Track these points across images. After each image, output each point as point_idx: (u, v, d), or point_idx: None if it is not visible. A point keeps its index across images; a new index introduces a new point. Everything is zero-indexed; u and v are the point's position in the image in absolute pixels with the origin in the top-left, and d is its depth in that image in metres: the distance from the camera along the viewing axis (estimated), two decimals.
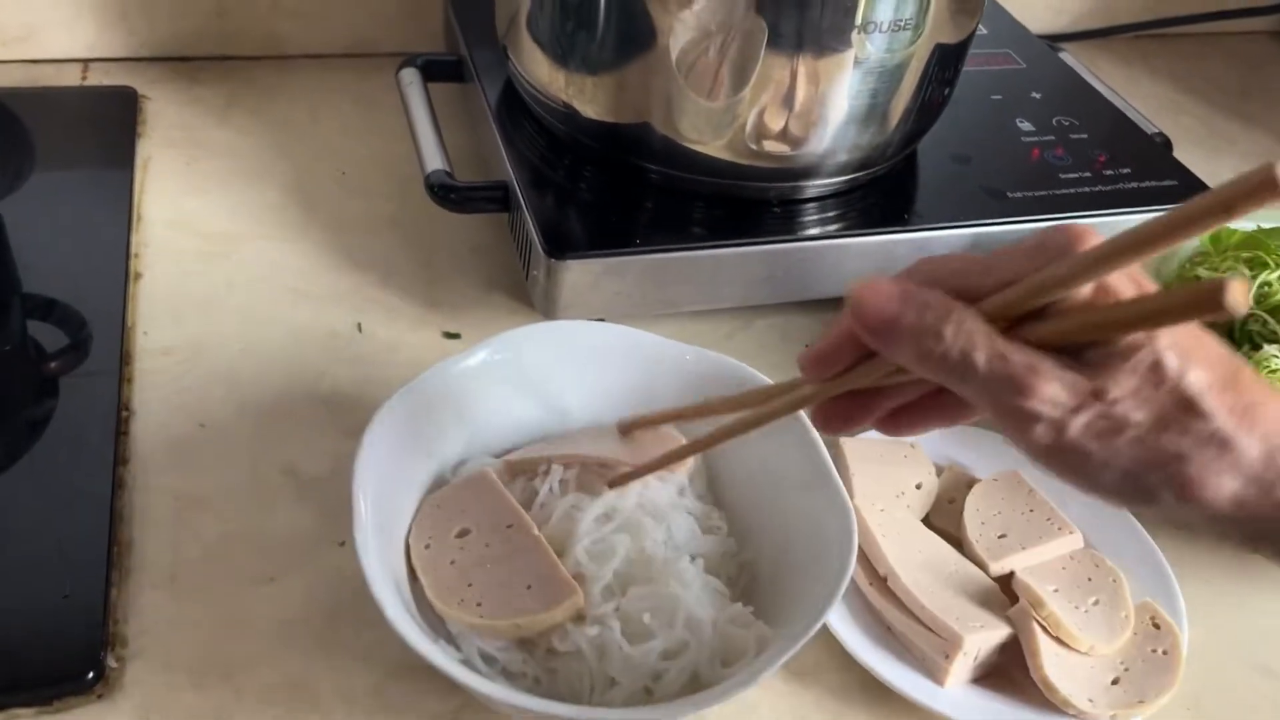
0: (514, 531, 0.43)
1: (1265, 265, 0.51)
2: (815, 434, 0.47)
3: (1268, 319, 0.49)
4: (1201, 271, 0.52)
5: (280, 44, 0.79)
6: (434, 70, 0.70)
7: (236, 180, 0.68)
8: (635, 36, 0.54)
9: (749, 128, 0.56)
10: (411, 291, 0.63)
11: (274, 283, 0.62)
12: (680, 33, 0.53)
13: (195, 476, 0.51)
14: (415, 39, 0.81)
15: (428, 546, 0.43)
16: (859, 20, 0.52)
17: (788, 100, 0.55)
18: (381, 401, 0.46)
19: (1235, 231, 0.54)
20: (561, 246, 0.55)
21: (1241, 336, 0.51)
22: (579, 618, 0.41)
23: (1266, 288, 0.50)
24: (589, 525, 0.43)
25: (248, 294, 0.61)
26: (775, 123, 0.56)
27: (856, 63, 0.54)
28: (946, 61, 0.58)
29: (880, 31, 0.53)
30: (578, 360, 0.50)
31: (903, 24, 0.53)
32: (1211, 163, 0.84)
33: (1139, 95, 0.91)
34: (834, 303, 0.64)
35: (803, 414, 0.48)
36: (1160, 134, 0.73)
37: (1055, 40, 0.95)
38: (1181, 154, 0.73)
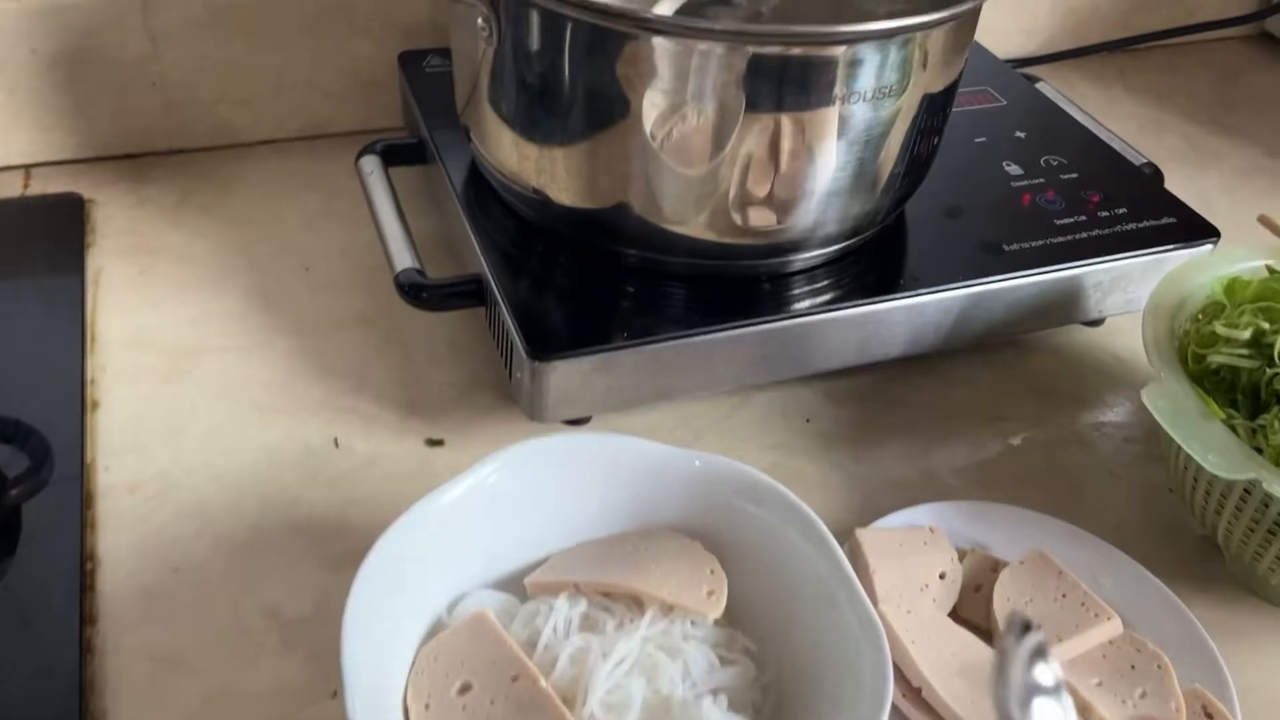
0: (519, 685, 0.40)
1: None
2: (831, 539, 0.44)
3: None
4: (1220, 328, 0.49)
5: (232, 133, 0.76)
6: (395, 155, 0.67)
7: (194, 287, 0.65)
8: (607, 116, 0.51)
9: (732, 208, 0.53)
10: (389, 396, 0.59)
11: (241, 399, 0.58)
12: (655, 112, 0.50)
13: (171, 630, 0.47)
14: (373, 115, 0.78)
15: (428, 707, 0.40)
16: (840, 92, 0.49)
17: (770, 177, 0.52)
18: (364, 526, 0.43)
19: (1249, 282, 0.51)
20: (546, 347, 0.52)
21: (1269, 396, 0.48)
22: None
23: None
24: (604, 674, 0.39)
25: (213, 415, 0.57)
26: (759, 201, 0.53)
27: (840, 135, 0.51)
28: (933, 116, 0.56)
29: (864, 101, 0.50)
30: (577, 477, 0.46)
31: (887, 90, 0.51)
32: (1199, 182, 0.82)
33: (1120, 117, 0.89)
34: (834, 374, 0.61)
35: (814, 517, 0.45)
36: (1149, 164, 0.70)
37: (1028, 63, 0.93)
38: (1171, 176, 0.71)
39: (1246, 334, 0.49)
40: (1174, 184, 0.72)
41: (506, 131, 0.55)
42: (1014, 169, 0.67)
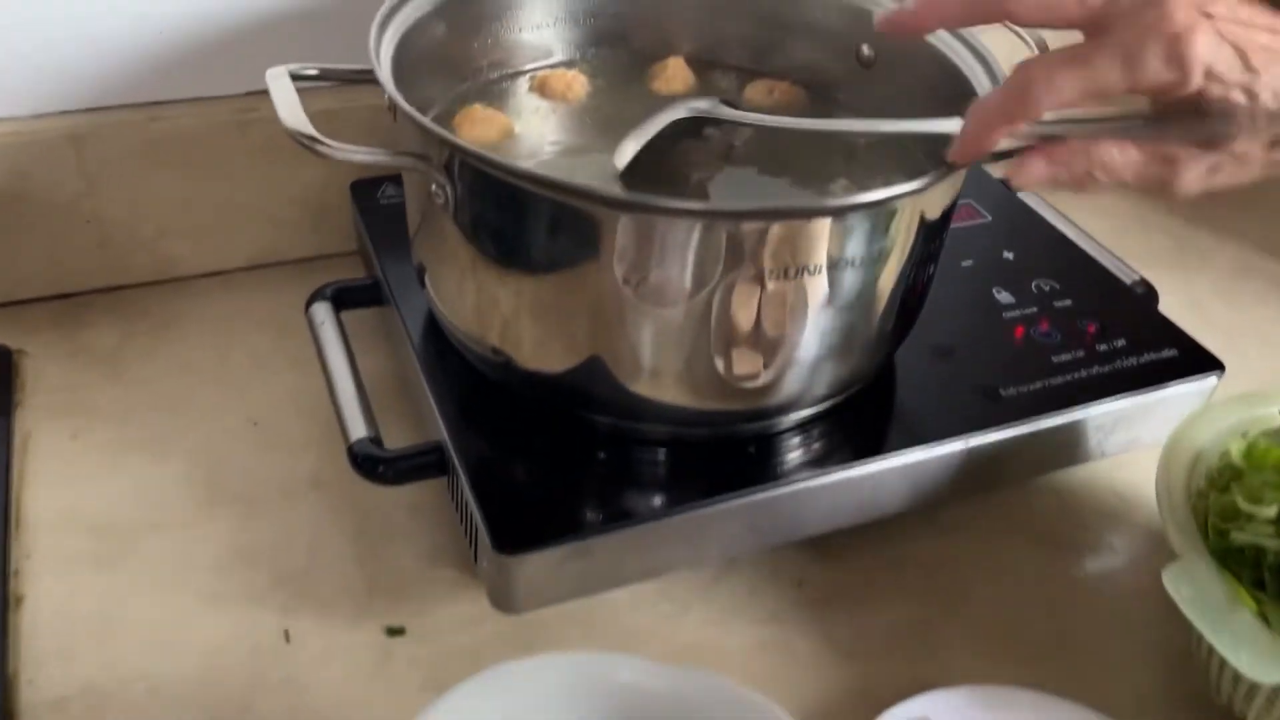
0: None
1: None
2: None
3: None
4: (1243, 504, 0.46)
5: (175, 267, 0.71)
6: (348, 299, 0.62)
7: (131, 453, 0.60)
8: (574, 286, 0.47)
9: (714, 377, 0.49)
10: (343, 575, 0.54)
11: (181, 587, 0.53)
12: (625, 282, 0.46)
13: None
14: (326, 240, 0.74)
15: None
16: (824, 261, 0.46)
17: (753, 347, 0.48)
18: None
19: (1270, 450, 0.48)
20: (514, 539, 0.47)
21: None
22: None
23: None
24: None
25: (151, 608, 0.52)
26: (743, 371, 0.49)
27: (827, 302, 0.47)
28: (924, 268, 0.52)
29: (851, 267, 0.47)
30: (555, 704, 0.42)
31: (876, 255, 0.47)
32: (1192, 287, 0.79)
33: (1104, 214, 0.86)
34: (827, 538, 0.57)
35: None
36: (1141, 281, 0.67)
37: (1003, 156, 0.90)
38: (1163, 283, 0.68)
39: (1272, 511, 0.45)
40: (1168, 292, 0.69)
41: (466, 293, 0.51)
42: (1004, 296, 0.63)
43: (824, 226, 0.44)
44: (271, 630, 0.52)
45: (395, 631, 0.52)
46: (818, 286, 0.46)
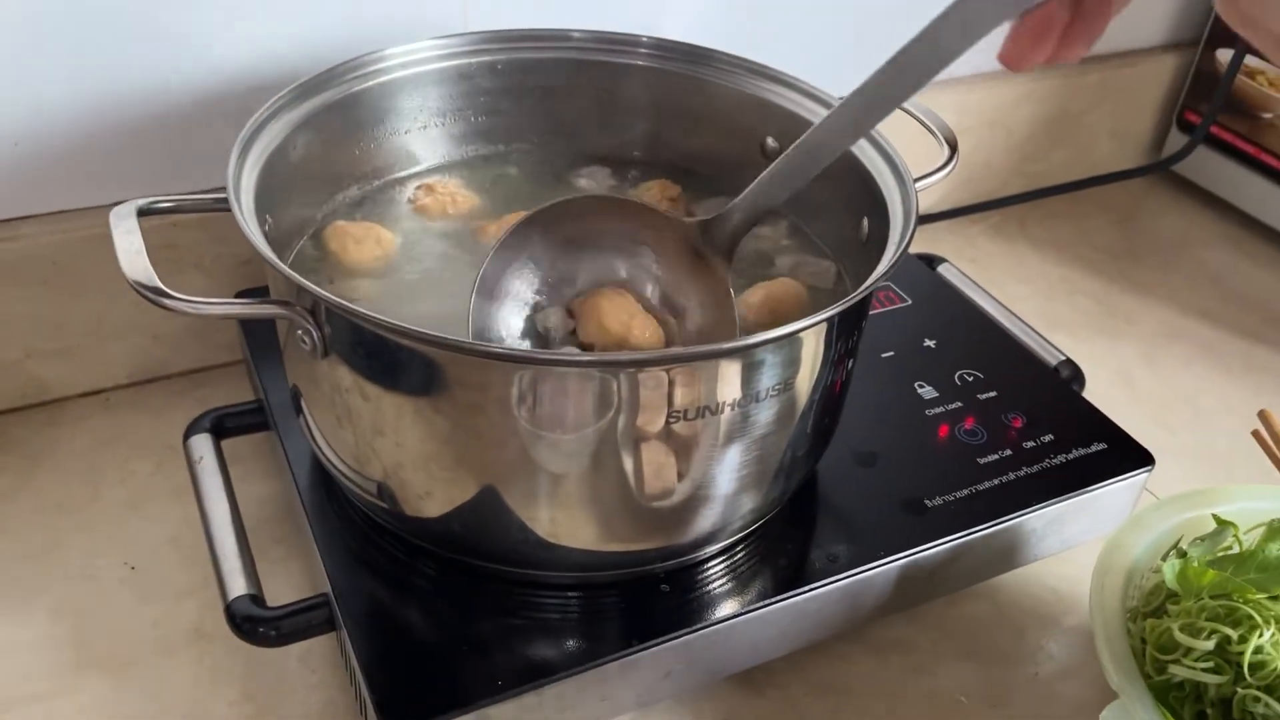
0: None
1: (1251, 620, 0.42)
2: None
3: (1270, 701, 0.41)
4: (1179, 635, 0.43)
5: (45, 389, 0.66)
6: (230, 427, 0.58)
7: None
8: (462, 434, 0.43)
9: (618, 518, 0.45)
10: None
11: None
12: (517, 431, 0.42)
13: None
14: (210, 351, 0.69)
15: None
16: (736, 399, 0.42)
17: (664, 490, 0.44)
18: None
19: (1205, 571, 0.45)
20: (405, 716, 0.43)
21: (1241, 715, 0.42)
22: None
23: (1261, 654, 0.42)
24: None
25: None
26: (651, 509, 0.45)
27: (739, 439, 0.44)
28: (842, 375, 0.49)
29: (759, 401, 0.43)
30: None
31: (785, 384, 0.44)
32: (1117, 353, 0.78)
33: (1027, 278, 0.84)
34: (749, 673, 0.54)
35: None
36: (1066, 363, 0.65)
37: (923, 220, 0.88)
38: (1087, 349, 0.68)
39: (1210, 644, 0.42)
40: (1094, 363, 0.67)
41: (344, 439, 0.47)
42: (927, 391, 0.61)
43: (728, 367, 0.41)
44: None
45: None
46: (725, 424, 0.43)
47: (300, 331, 0.43)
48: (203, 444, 0.56)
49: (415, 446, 0.44)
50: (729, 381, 0.42)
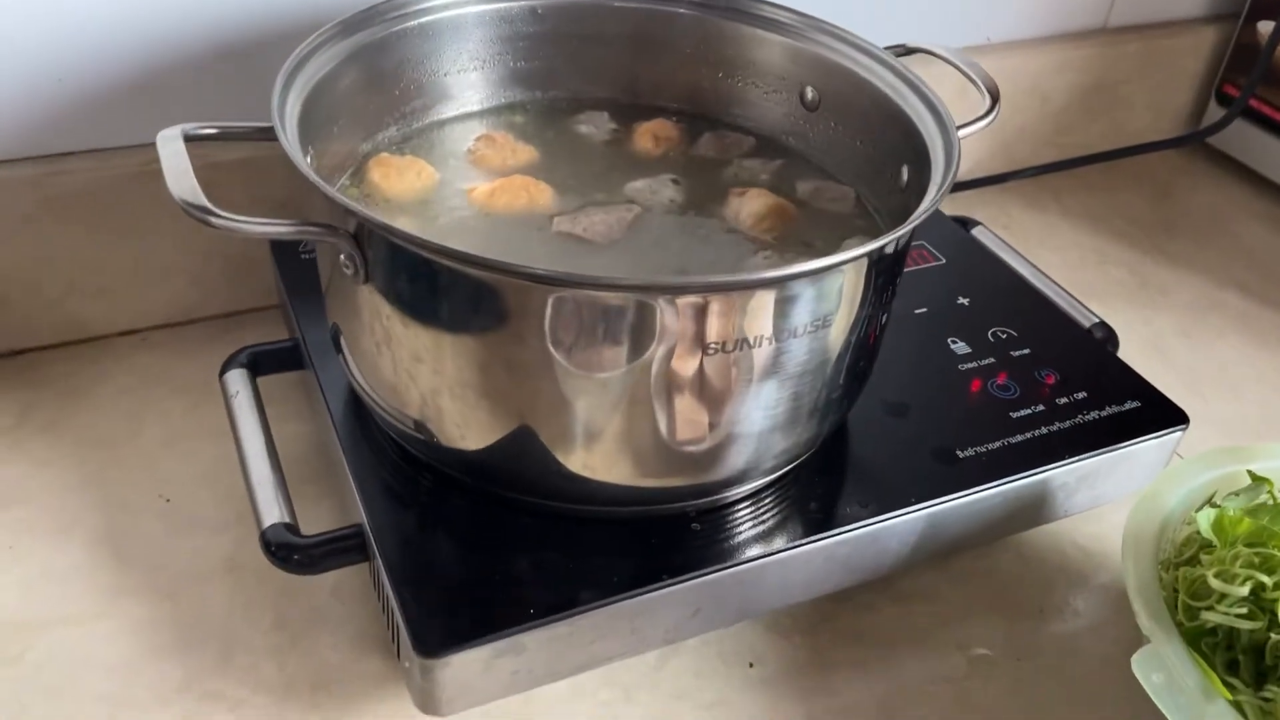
0: None
1: None
2: None
3: None
4: (1214, 581, 0.43)
5: (84, 327, 0.67)
6: (265, 363, 0.58)
7: (29, 538, 0.55)
8: (501, 362, 0.44)
9: (653, 455, 0.45)
10: (260, 671, 0.50)
11: (81, 691, 0.49)
12: (556, 358, 0.42)
13: None
14: (247, 294, 0.70)
15: None
16: (770, 333, 0.42)
17: (696, 424, 0.45)
18: None
19: (1240, 520, 0.45)
20: (437, 639, 0.44)
21: (1274, 660, 0.42)
22: None
23: None
24: None
25: (47, 717, 0.48)
26: (685, 447, 0.45)
27: (772, 375, 0.44)
28: (876, 323, 0.49)
29: (795, 337, 0.43)
30: None
31: (821, 321, 0.44)
32: (1152, 325, 0.77)
33: (1060, 247, 0.84)
34: (778, 613, 0.54)
35: None
36: (1100, 324, 0.65)
37: (957, 188, 0.88)
38: (1122, 320, 0.67)
39: (1244, 590, 0.42)
40: (1126, 330, 0.67)
41: (382, 367, 0.47)
42: (961, 347, 0.61)
43: (765, 298, 0.41)
44: None
45: None
46: (760, 359, 0.43)
47: (343, 256, 0.44)
48: (238, 379, 0.56)
49: (452, 374, 0.45)
50: (766, 314, 0.42)
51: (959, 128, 0.51)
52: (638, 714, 0.50)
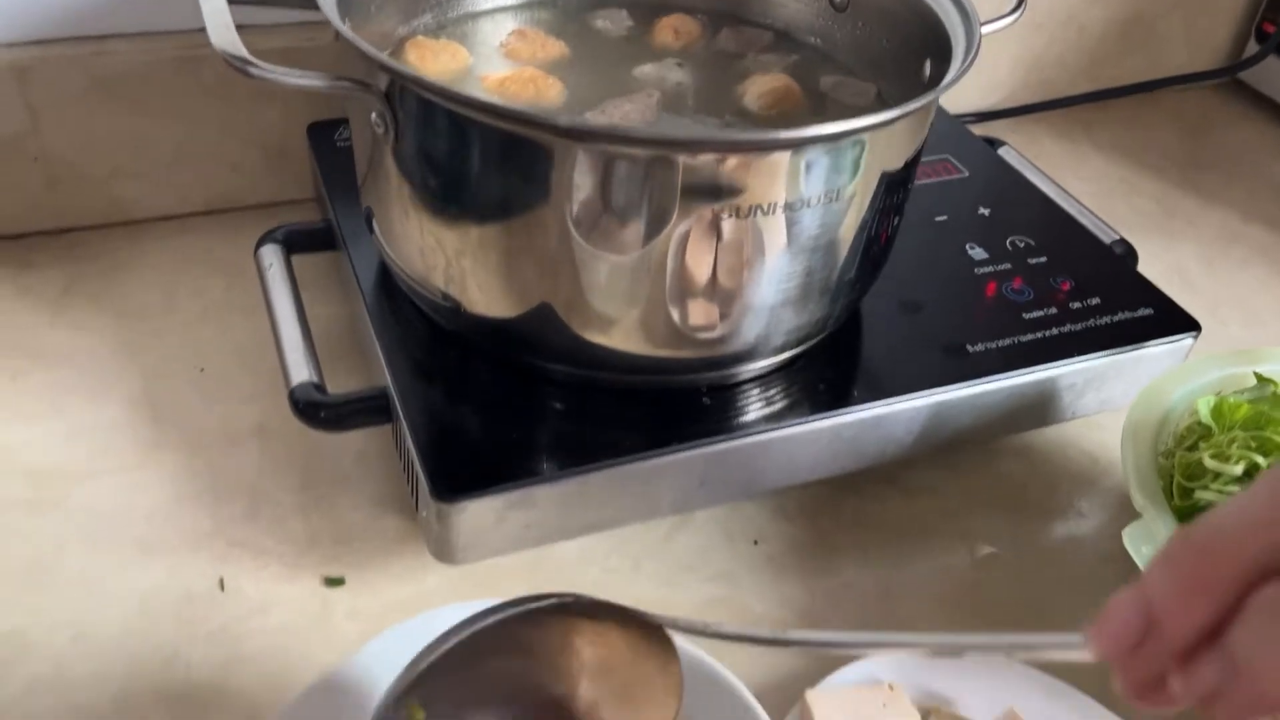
0: None
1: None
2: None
3: None
4: (1209, 461, 0.44)
5: (126, 209, 0.69)
6: (299, 241, 0.60)
7: (72, 397, 0.58)
8: (522, 223, 0.45)
9: (667, 322, 0.47)
10: (284, 524, 0.53)
11: (118, 535, 0.51)
12: (576, 220, 0.44)
13: None
14: (284, 186, 0.72)
15: None
16: (782, 200, 0.44)
17: (708, 290, 0.46)
18: (246, 694, 0.39)
19: (1240, 405, 0.46)
20: (453, 485, 0.46)
21: None
22: None
23: None
24: None
25: (85, 556, 0.50)
26: (697, 315, 0.47)
27: (785, 243, 0.45)
28: (888, 213, 0.50)
29: (809, 207, 0.45)
30: None
31: (835, 194, 0.45)
32: (1174, 252, 0.77)
33: (1088, 177, 0.84)
34: (785, 496, 0.56)
35: (749, 699, 0.39)
36: (1120, 241, 0.65)
37: (990, 117, 0.88)
38: (1144, 246, 0.67)
39: (1238, 469, 0.43)
40: (1148, 256, 0.67)
41: (411, 233, 0.49)
42: (978, 252, 0.62)
43: (781, 161, 0.42)
44: (206, 578, 0.50)
45: (334, 582, 0.50)
46: (774, 227, 0.44)
47: (374, 115, 0.45)
48: (273, 253, 0.58)
49: (476, 236, 0.46)
50: (780, 179, 0.43)
51: (984, 23, 0.52)
52: (645, 581, 0.52)
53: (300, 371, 0.52)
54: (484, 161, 0.44)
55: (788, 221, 0.45)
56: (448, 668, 0.36)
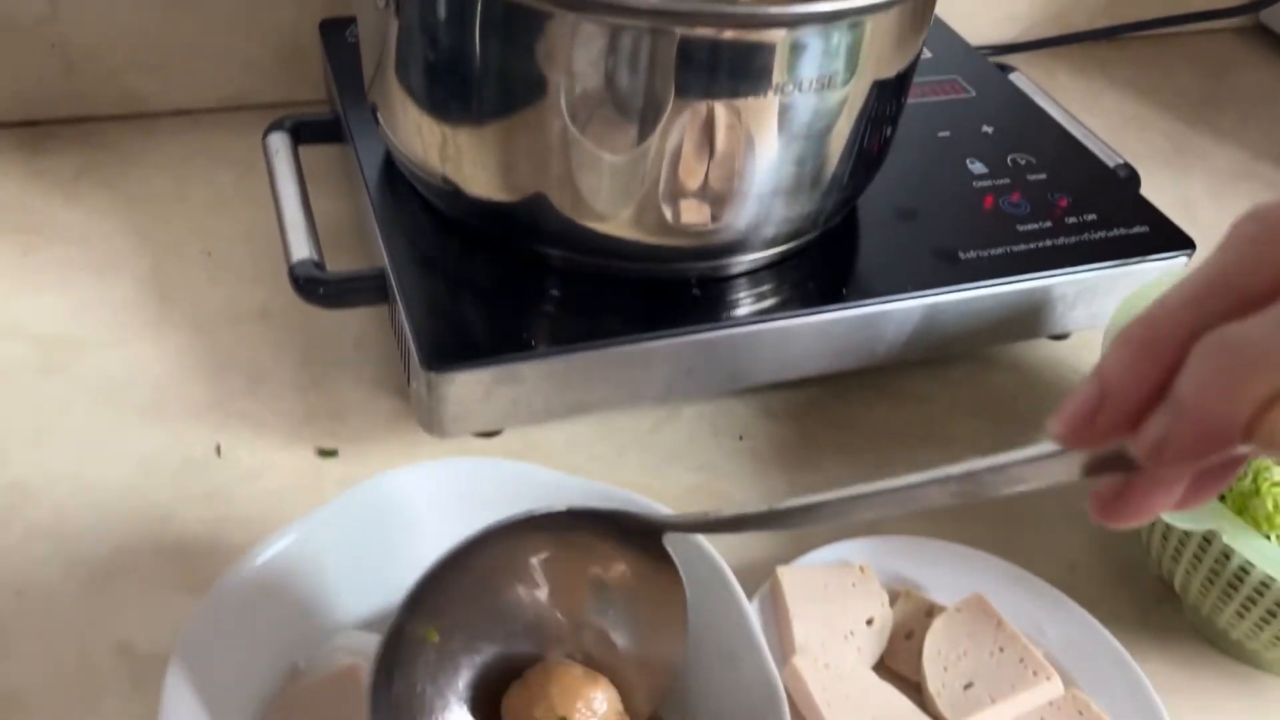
0: None
1: None
2: (736, 587, 0.39)
3: None
4: None
5: (141, 101, 0.70)
6: (307, 132, 0.61)
7: (82, 273, 0.59)
8: (520, 100, 0.46)
9: (659, 206, 0.48)
10: (282, 399, 0.54)
11: (121, 401, 0.53)
12: (572, 98, 0.45)
13: (9, 664, 0.43)
14: (297, 87, 0.72)
15: None
16: (778, 81, 0.44)
17: (701, 173, 0.47)
18: (238, 549, 0.39)
19: None
20: (443, 356, 0.47)
21: None
22: None
23: None
24: None
25: (88, 417, 0.52)
26: (689, 198, 0.48)
27: (778, 128, 0.46)
28: (884, 108, 0.51)
29: (802, 91, 0.45)
30: (463, 505, 0.41)
31: (830, 80, 0.45)
32: (1182, 185, 0.77)
33: (1100, 112, 0.84)
34: (773, 387, 0.56)
35: (720, 562, 0.40)
36: (1125, 165, 0.65)
37: (1006, 50, 0.88)
38: (1152, 178, 0.67)
39: None
40: (1155, 186, 0.67)
41: (412, 114, 0.50)
42: (978, 167, 0.62)
43: (777, 38, 0.43)
44: (204, 444, 0.52)
45: (327, 453, 0.52)
46: (767, 110, 0.45)
47: None
48: (280, 140, 0.59)
49: (474, 109, 0.47)
50: (774, 60, 0.43)
51: None
52: (630, 468, 0.53)
53: (301, 249, 0.53)
54: (483, 33, 0.45)
55: (781, 106, 0.45)
56: (455, 587, 0.35)
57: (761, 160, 0.47)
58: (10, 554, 0.46)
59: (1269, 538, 0.40)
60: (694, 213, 0.48)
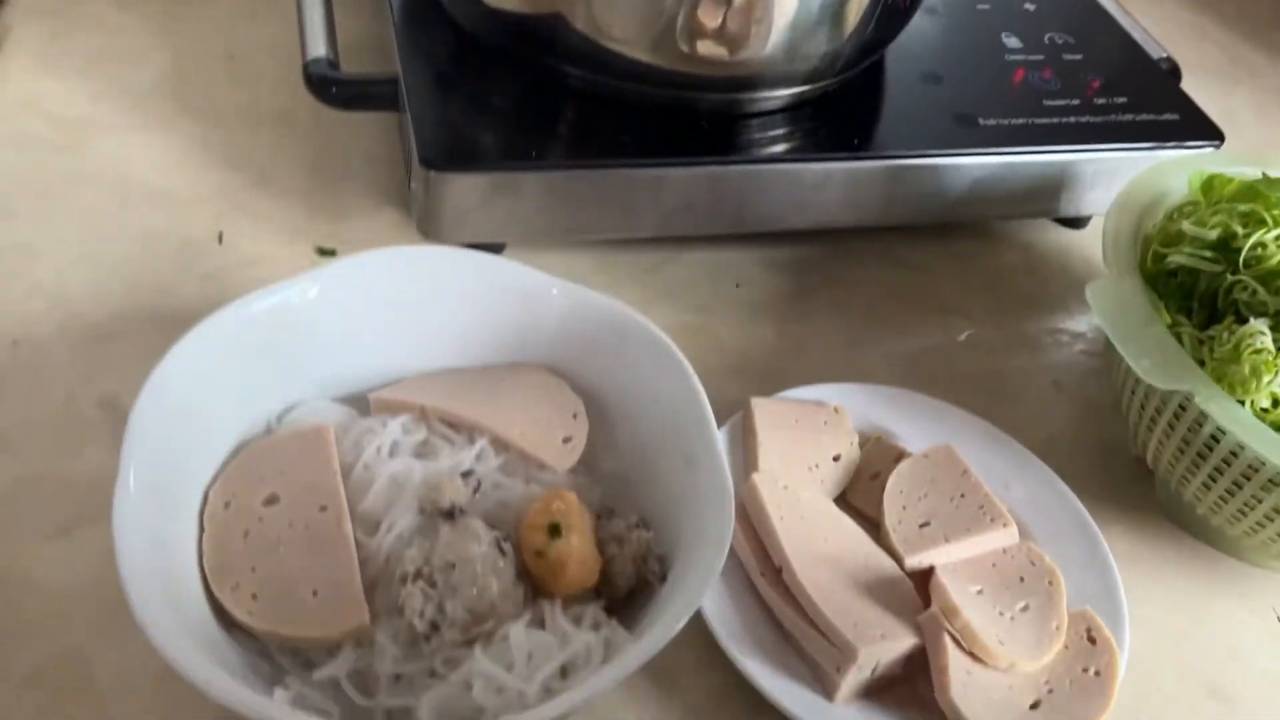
0: (325, 517, 0.36)
1: (1262, 222, 0.43)
2: (700, 392, 0.40)
3: (1257, 287, 0.41)
4: (1187, 225, 0.44)
5: None
6: None
7: (106, 60, 0.60)
8: None
9: (677, 26, 0.47)
10: (288, 198, 0.55)
11: (129, 181, 0.54)
12: None
13: None
14: None
15: (227, 505, 0.37)
16: None
17: None
18: None
19: (1231, 180, 0.45)
20: (442, 155, 0.47)
21: (1226, 305, 0.43)
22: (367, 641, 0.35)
23: (1261, 249, 0.42)
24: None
25: (96, 192, 0.53)
26: (708, 21, 0.47)
27: None
28: None
29: None
30: (432, 293, 0.42)
31: None
32: (1229, 97, 0.75)
33: (1158, 16, 0.81)
34: (777, 240, 0.56)
35: (686, 366, 0.40)
36: (1168, 59, 0.63)
37: None
38: (1195, 84, 0.64)
39: (1214, 234, 0.43)
40: (1200, 93, 0.65)
41: None
42: (1013, 41, 0.60)
43: None
44: (207, 230, 0.52)
45: (326, 252, 0.53)
46: None
47: None
48: None
49: None
50: None
51: None
52: (624, 300, 0.53)
53: (317, 47, 0.53)
54: None
55: None
56: None
57: None
58: (10, 306, 0.47)
59: (1244, 404, 0.40)
60: (713, 40, 0.48)
